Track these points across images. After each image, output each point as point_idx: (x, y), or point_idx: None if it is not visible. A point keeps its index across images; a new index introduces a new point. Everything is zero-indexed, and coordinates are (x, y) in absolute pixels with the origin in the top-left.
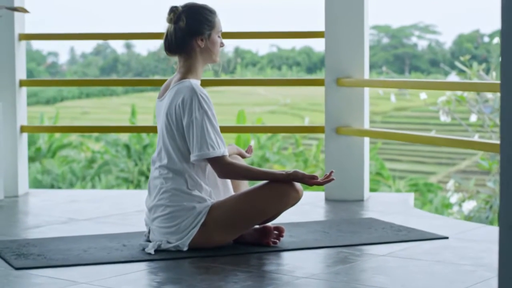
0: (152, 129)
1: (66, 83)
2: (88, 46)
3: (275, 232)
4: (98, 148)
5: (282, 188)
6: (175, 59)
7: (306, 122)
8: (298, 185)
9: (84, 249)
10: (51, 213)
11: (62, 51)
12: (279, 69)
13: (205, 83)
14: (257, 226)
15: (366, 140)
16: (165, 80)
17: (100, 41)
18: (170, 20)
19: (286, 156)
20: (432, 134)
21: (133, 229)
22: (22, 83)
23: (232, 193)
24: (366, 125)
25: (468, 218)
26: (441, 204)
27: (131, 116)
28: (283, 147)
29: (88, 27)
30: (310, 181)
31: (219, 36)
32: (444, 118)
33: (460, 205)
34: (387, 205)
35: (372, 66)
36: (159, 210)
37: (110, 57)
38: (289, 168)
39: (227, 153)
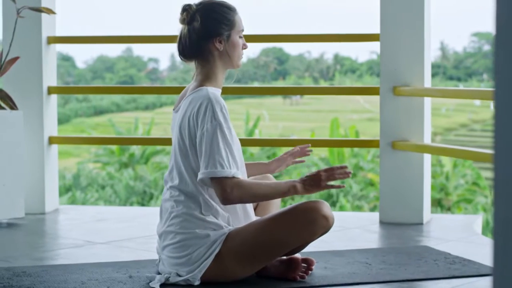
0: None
1: (97, 90)
2: None
3: (304, 264)
4: None
5: (308, 215)
6: (191, 65)
7: None
8: (328, 210)
9: (83, 281)
10: (70, 234)
11: (162, 57)
12: (378, 76)
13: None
14: (283, 257)
15: (427, 156)
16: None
17: None
18: (183, 21)
19: None
20: None
21: (151, 256)
22: (51, 90)
23: (253, 218)
24: (427, 140)
25: None
26: None
27: None
28: (378, 155)
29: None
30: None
31: (240, 37)
32: None
33: None
34: (449, 230)
35: (472, 74)
36: (168, 238)
37: None
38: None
39: (239, 175)
